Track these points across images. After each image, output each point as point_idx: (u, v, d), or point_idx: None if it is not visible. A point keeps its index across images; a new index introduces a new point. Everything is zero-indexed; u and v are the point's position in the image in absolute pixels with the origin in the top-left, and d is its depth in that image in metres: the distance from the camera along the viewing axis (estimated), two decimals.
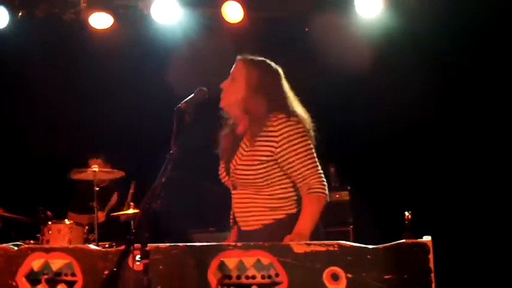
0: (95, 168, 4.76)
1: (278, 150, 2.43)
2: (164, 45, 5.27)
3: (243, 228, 2.53)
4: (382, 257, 1.95)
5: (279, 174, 2.47)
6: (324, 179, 2.46)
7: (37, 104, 5.69)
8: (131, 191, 5.23)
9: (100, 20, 5.29)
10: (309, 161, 2.44)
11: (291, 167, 2.44)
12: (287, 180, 2.48)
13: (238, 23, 5.10)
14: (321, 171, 2.47)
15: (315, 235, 2.36)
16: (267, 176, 2.45)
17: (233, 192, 2.57)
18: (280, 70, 2.63)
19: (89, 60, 5.53)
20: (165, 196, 2.02)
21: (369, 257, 1.95)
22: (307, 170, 2.43)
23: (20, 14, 5.28)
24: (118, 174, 4.96)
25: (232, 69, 2.63)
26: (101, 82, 5.60)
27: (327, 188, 2.46)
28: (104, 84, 5.62)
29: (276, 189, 2.47)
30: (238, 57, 2.63)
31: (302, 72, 5.06)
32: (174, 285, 2.08)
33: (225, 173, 2.59)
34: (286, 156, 2.43)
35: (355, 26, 5.19)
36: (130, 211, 4.81)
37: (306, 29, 5.30)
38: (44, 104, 5.68)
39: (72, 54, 5.54)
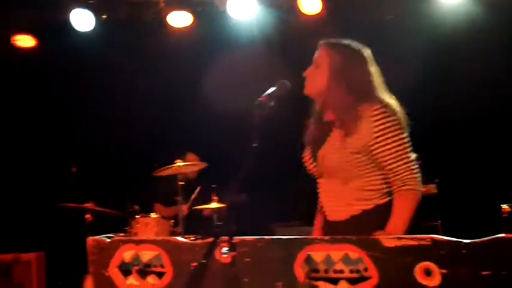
0: (178, 163, 4.87)
1: (372, 142, 2.34)
2: (242, 40, 5.30)
3: (329, 219, 2.47)
4: (478, 252, 1.85)
5: (370, 166, 2.38)
6: (418, 175, 2.35)
7: (124, 102, 5.89)
8: (194, 195, 5.30)
9: (179, 19, 5.40)
10: (403, 156, 2.34)
11: (384, 161, 2.35)
12: (378, 173, 2.39)
13: (316, 14, 5.04)
14: (416, 167, 2.36)
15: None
16: (358, 167, 2.38)
17: (319, 180, 2.52)
18: (367, 54, 2.51)
19: (170, 58, 5.65)
20: (249, 189, 2.02)
21: (464, 251, 1.85)
22: (401, 165, 2.33)
23: (103, 16, 5.48)
24: (200, 166, 5.04)
25: (315, 55, 2.56)
26: (182, 79, 5.72)
27: (421, 185, 2.35)
28: (185, 81, 5.73)
29: (366, 181, 2.39)
30: (321, 41, 2.55)
31: (384, 62, 4.95)
32: (261, 278, 2.08)
33: (311, 160, 2.53)
34: (381, 149, 2.34)
35: (436, 13, 5.01)
36: (214, 205, 4.87)
37: (390, 17, 5.16)
38: (130, 102, 5.87)
39: (153, 53, 5.68)
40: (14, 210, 6.16)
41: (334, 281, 2.01)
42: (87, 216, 5.21)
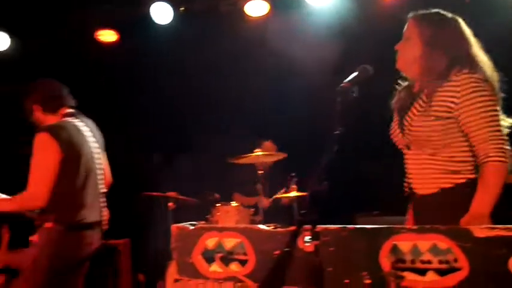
0: (258, 152, 4.88)
1: (457, 107, 2.24)
2: (319, 28, 5.22)
3: (418, 192, 2.37)
4: None
5: (457, 135, 2.28)
6: (506, 146, 2.20)
7: (202, 93, 5.97)
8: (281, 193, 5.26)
9: (256, 8, 5.39)
10: (489, 123, 2.21)
11: (469, 127, 2.24)
12: (466, 143, 2.27)
13: (394, 0, 4.90)
14: (503, 137, 2.22)
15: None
16: (444, 134, 2.28)
17: (406, 152, 2.43)
18: (458, 18, 2.42)
19: (247, 48, 5.66)
20: (331, 177, 1.98)
21: None
22: (486, 133, 2.20)
23: (181, 8, 5.57)
24: (280, 156, 5.03)
25: (404, 29, 2.50)
26: (259, 68, 5.72)
27: (507, 156, 2.19)
28: (262, 70, 5.73)
29: (455, 152, 2.28)
30: (410, 15, 2.49)
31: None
32: (345, 267, 2.04)
33: (398, 131, 2.45)
34: (465, 114, 2.23)
35: None
36: (293, 194, 4.85)
37: (466, 1, 4.90)
38: (208, 92, 5.94)
39: (230, 44, 5.71)
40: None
41: (422, 272, 1.95)
42: (170, 204, 5.35)
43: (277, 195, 5.20)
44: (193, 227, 2.43)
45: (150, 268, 6.07)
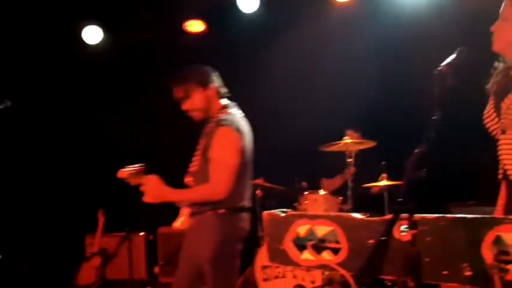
0: (347, 139, 4.82)
1: None
2: (412, 11, 5.06)
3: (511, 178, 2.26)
4: None
5: None
6: None
7: (289, 81, 5.96)
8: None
9: None
10: None
11: None
12: None
13: None
14: None
15: None
16: None
17: (501, 137, 2.32)
18: None
19: (333, 34, 5.59)
20: (428, 165, 1.91)
21: None
22: None
23: None
24: (369, 144, 4.94)
25: (501, 10, 2.38)
26: (346, 55, 5.62)
27: None
28: (350, 56, 5.63)
29: None
30: None
31: None
32: (443, 258, 1.96)
33: (494, 115, 2.35)
34: None
35: None
36: (383, 183, 4.75)
37: None
38: (295, 80, 5.92)
39: (318, 32, 5.64)
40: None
41: None
42: (257, 192, 5.40)
43: (367, 184, 5.11)
44: (284, 214, 2.43)
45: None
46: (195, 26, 6.24)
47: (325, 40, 5.70)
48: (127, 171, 3.17)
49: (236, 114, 3.22)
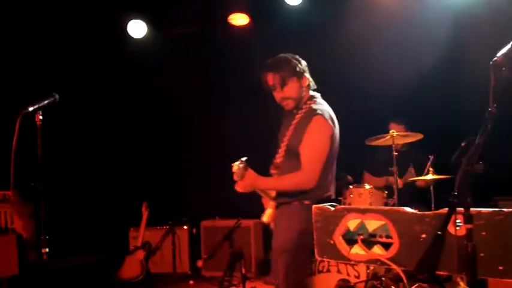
0: (393, 133, 4.75)
1: None
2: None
3: None
4: None
5: None
6: None
7: (333, 76, 5.92)
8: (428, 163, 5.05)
9: None
10: None
11: None
12: None
13: None
14: None
15: None
16: None
17: None
18: None
19: (377, 26, 5.51)
20: (484, 158, 1.87)
21: None
22: None
23: None
24: (416, 137, 4.85)
25: None
26: (390, 48, 5.53)
27: None
28: (395, 49, 5.54)
29: None
30: None
31: None
32: (498, 254, 1.92)
33: None
34: None
35: None
36: (429, 177, 4.67)
37: None
38: (339, 74, 5.86)
39: (361, 24, 5.56)
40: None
41: None
42: None
43: (412, 178, 5.04)
44: (334, 208, 2.41)
45: None
46: (239, 19, 6.24)
47: (369, 33, 5.62)
48: (237, 164, 3.15)
49: (325, 104, 3.21)
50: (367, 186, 4.81)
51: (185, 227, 6.54)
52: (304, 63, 3.27)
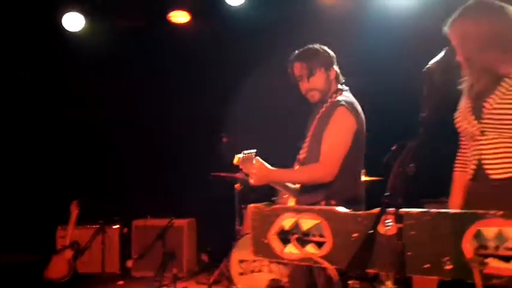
0: None
1: None
2: (404, 11, 5.11)
3: (495, 176, 2.31)
4: None
5: None
6: None
7: (274, 77, 5.94)
8: None
9: None
10: None
11: None
12: None
13: None
14: None
15: None
16: None
17: (480, 139, 2.35)
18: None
19: (323, 29, 5.60)
20: (416, 160, 1.95)
21: None
22: None
23: None
24: None
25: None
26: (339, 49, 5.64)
27: None
28: (344, 52, 5.65)
29: None
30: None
31: None
32: (426, 252, 2.01)
33: (473, 117, 2.38)
34: None
35: None
36: (362, 178, 4.78)
37: None
38: (280, 76, 5.90)
39: (304, 26, 5.64)
40: (170, 178, 6.56)
41: (507, 259, 1.89)
42: (237, 186, 5.42)
43: None
44: (270, 208, 2.44)
45: (214, 248, 6.17)
46: (180, 16, 6.20)
47: (310, 37, 5.71)
48: (241, 157, 3.06)
49: (351, 97, 3.09)
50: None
51: (116, 226, 6.41)
52: (332, 54, 3.17)
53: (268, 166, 2.99)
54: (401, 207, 1.88)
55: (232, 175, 5.36)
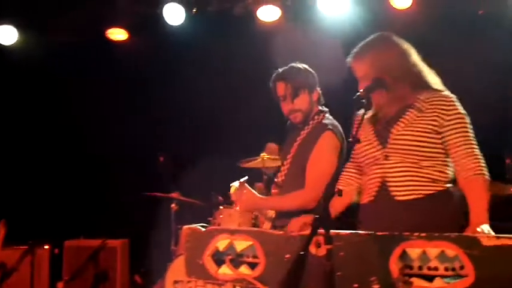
0: (264, 156, 4.91)
1: (445, 123, 2.40)
2: (331, 36, 5.27)
3: (400, 198, 2.41)
4: None
5: (440, 148, 2.41)
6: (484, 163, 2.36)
7: (212, 95, 5.99)
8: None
9: (268, 13, 5.45)
10: (471, 140, 2.40)
11: (453, 143, 2.40)
12: (446, 156, 2.43)
13: (407, 9, 4.98)
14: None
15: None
16: (430, 147, 2.40)
17: (385, 163, 2.45)
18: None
19: (259, 51, 5.71)
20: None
21: None
22: (469, 149, 2.38)
23: (194, 10, 5.61)
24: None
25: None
26: (270, 73, 5.75)
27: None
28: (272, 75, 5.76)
29: (437, 163, 2.41)
30: None
31: (470, 58, 4.81)
32: (355, 273, 2.08)
33: (377, 142, 2.48)
34: (451, 131, 2.40)
35: None
36: None
37: (480, 12, 4.99)
38: (229, 94, 5.96)
39: (242, 48, 5.73)
40: (103, 197, 6.43)
41: (429, 278, 1.99)
42: (173, 205, 5.37)
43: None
44: (205, 229, 2.45)
45: (149, 269, 6.07)
46: (118, 34, 6.14)
47: (249, 57, 5.78)
48: (237, 186, 2.97)
49: (334, 120, 3.05)
50: (237, 208, 4.90)
51: (46, 247, 6.19)
52: (315, 74, 3.12)
53: (257, 194, 3.00)
54: (331, 229, 1.94)
55: (168, 195, 5.32)
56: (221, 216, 4.83)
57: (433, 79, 2.51)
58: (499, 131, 4.65)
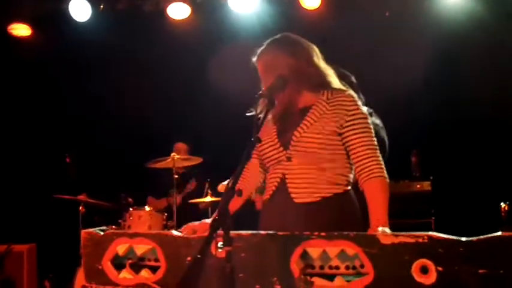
0: (174, 156, 4.85)
1: (345, 124, 2.42)
2: (242, 33, 5.29)
3: (301, 201, 2.42)
4: (476, 250, 1.83)
5: (341, 151, 2.44)
6: (383, 165, 2.40)
7: (119, 94, 5.87)
8: (189, 189, 5.30)
9: (178, 10, 5.41)
10: (372, 142, 2.42)
11: (353, 144, 2.42)
12: (347, 158, 2.45)
13: (315, 9, 5.07)
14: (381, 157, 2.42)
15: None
16: (331, 150, 2.41)
17: (286, 164, 2.45)
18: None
19: (168, 50, 5.64)
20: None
21: (461, 249, 1.84)
22: (370, 150, 2.40)
23: (101, 6, 5.48)
24: (196, 160, 5.02)
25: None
26: (180, 71, 5.69)
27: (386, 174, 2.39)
28: (183, 73, 5.71)
29: (338, 166, 2.43)
30: None
31: (377, 59, 4.97)
32: (256, 274, 2.05)
33: (279, 143, 2.48)
34: (351, 132, 2.42)
35: (436, 10, 5.04)
36: (208, 199, 4.87)
37: (386, 14, 5.16)
38: (125, 93, 5.85)
39: (152, 45, 5.66)
40: (7, 200, 6.14)
41: (330, 277, 2.00)
42: (81, 208, 5.20)
43: (193, 200, 5.20)
44: (103, 233, 2.35)
45: (57, 274, 5.87)
46: (21, 29, 5.89)
47: (159, 54, 5.72)
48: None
49: None
50: (147, 209, 4.84)
51: None
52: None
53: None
54: (231, 230, 1.90)
55: (76, 197, 5.15)
56: (131, 218, 4.75)
57: (335, 80, 2.53)
58: (405, 129, 4.84)
